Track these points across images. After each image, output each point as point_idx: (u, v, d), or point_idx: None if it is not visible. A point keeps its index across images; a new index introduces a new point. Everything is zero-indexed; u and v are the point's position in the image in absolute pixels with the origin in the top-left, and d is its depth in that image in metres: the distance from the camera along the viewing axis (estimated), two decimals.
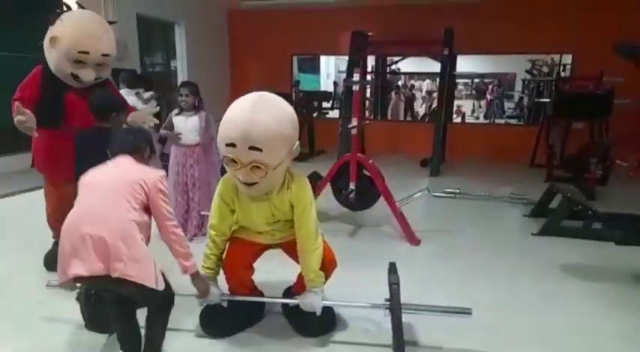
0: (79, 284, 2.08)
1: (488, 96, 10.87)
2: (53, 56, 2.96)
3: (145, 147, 2.22)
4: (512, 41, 8.15)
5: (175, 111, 3.99)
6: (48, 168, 3.16)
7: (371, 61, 9.53)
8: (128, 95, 5.17)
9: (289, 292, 2.71)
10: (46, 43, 3.00)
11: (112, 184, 1.96)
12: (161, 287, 1.90)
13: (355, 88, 4.15)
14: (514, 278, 3.37)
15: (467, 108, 12.51)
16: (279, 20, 9.44)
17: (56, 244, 2.36)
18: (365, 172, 4.23)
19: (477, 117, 12.13)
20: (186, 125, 3.87)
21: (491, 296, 3.07)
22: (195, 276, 2.18)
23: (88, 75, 3.03)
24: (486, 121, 10.32)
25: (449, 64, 7.12)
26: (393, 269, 2.37)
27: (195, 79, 4.43)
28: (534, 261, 3.71)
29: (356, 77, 4.14)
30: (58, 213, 2.82)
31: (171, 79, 9.16)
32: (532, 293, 3.14)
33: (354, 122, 4.04)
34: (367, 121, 4.08)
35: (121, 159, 2.10)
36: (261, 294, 2.66)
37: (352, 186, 4.14)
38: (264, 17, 9.59)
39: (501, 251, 3.92)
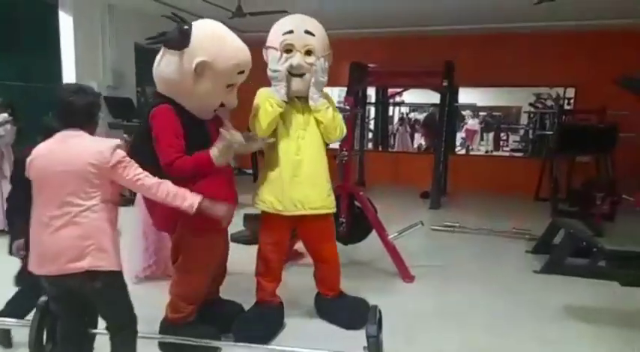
0: None
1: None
2: (202, 86, 2.33)
3: (97, 111, 2.04)
4: (514, 74, 8.06)
5: None
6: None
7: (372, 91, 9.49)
8: None
9: (320, 297, 3.01)
10: (182, 72, 2.30)
11: (64, 179, 1.85)
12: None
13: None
14: (511, 320, 3.14)
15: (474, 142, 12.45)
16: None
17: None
18: (357, 204, 4.04)
19: (487, 151, 11.99)
20: None
21: (485, 340, 2.84)
22: (202, 207, 2.11)
23: (234, 99, 2.52)
24: (487, 154, 10.13)
25: (449, 95, 7.00)
26: (373, 315, 2.11)
27: None
28: (534, 301, 3.47)
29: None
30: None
31: None
32: (529, 336, 2.90)
33: (344, 153, 3.90)
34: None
35: (70, 137, 1.92)
36: (280, 303, 2.89)
37: (342, 218, 3.94)
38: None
39: (500, 290, 3.68)
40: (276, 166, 2.66)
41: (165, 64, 2.34)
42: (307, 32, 2.56)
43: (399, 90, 10.67)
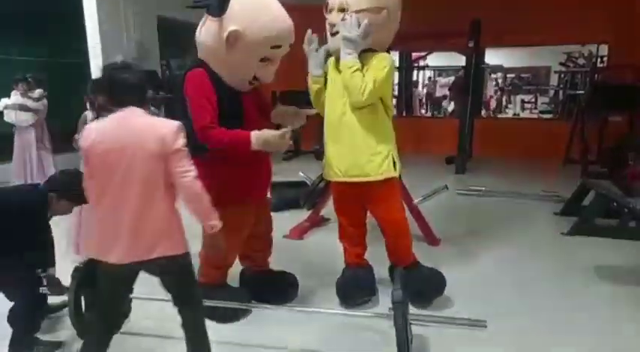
0: None
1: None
2: (235, 57, 2.30)
3: (147, 88, 1.97)
4: (542, 33, 7.72)
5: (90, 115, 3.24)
6: (243, 190, 2.46)
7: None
8: (15, 95, 5.33)
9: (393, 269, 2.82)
10: (217, 40, 2.29)
11: (132, 163, 1.74)
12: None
13: None
14: (541, 283, 3.13)
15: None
16: (296, 19, 9.27)
17: None
18: None
19: (515, 114, 11.76)
20: None
21: (514, 302, 2.86)
22: (216, 234, 1.96)
23: (268, 74, 2.45)
24: (515, 116, 9.91)
25: (475, 57, 6.80)
26: (398, 279, 2.12)
27: None
28: (564, 263, 3.45)
29: None
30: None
31: None
32: (560, 300, 2.90)
33: None
34: None
35: (131, 118, 1.80)
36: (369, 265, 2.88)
37: None
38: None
39: (528, 252, 3.67)
40: (325, 132, 2.65)
41: (204, 30, 2.35)
42: None
43: (423, 53, 10.46)
